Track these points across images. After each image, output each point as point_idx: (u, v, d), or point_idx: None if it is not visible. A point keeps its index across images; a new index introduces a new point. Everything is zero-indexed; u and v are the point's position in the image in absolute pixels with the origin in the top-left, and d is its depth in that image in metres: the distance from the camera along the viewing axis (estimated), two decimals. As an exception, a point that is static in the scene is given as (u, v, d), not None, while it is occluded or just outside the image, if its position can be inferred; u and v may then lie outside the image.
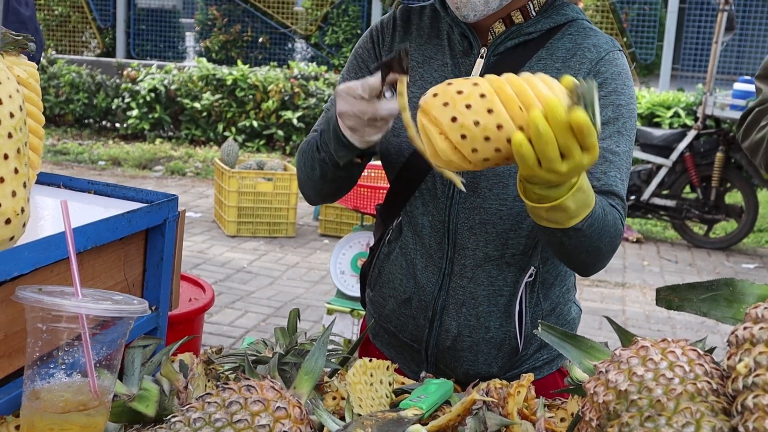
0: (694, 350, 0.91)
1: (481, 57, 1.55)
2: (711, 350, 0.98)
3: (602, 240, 1.37)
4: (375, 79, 1.31)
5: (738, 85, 7.18)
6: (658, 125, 8.71)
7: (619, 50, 1.55)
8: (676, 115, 8.83)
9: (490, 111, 1.11)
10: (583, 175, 1.22)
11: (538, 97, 1.10)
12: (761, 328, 0.81)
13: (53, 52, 11.82)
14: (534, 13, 1.55)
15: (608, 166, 1.46)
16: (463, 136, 1.11)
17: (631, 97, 1.52)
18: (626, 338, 0.99)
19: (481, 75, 1.53)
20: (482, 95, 1.12)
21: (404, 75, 1.27)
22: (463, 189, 1.25)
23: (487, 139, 1.11)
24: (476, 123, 1.11)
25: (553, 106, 1.07)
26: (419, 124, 1.17)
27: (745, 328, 0.84)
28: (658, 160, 7.23)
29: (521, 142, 1.09)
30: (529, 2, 1.54)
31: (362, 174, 1.58)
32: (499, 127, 1.10)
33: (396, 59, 1.26)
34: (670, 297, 1.02)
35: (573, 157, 1.11)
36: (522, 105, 1.11)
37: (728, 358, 0.84)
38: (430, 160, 1.17)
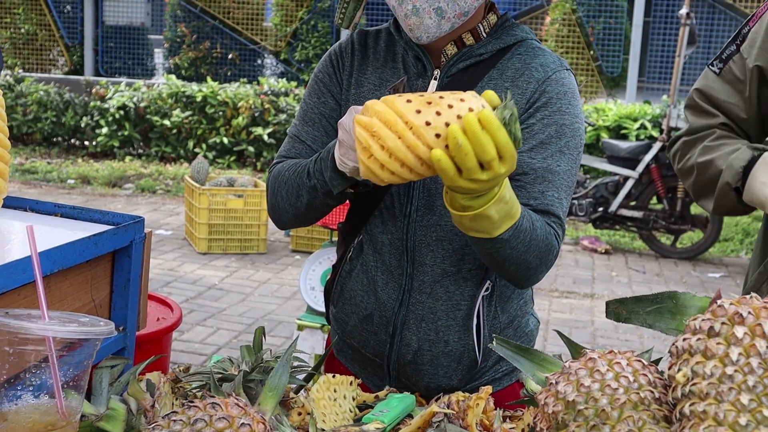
0: (639, 361, 0.95)
1: (435, 78, 1.60)
2: (657, 361, 1.02)
3: (530, 253, 1.43)
4: None
5: (701, 98, 7.28)
6: (625, 137, 8.84)
7: (567, 69, 1.59)
8: (643, 127, 8.97)
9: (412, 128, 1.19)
10: (506, 186, 1.30)
11: (458, 110, 1.19)
12: (698, 339, 0.86)
13: (20, 71, 11.74)
14: (484, 35, 1.60)
15: (547, 186, 1.50)
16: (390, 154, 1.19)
17: (576, 117, 1.55)
18: (576, 350, 1.03)
19: None
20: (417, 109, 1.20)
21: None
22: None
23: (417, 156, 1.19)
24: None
25: (469, 121, 1.16)
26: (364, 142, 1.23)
27: (684, 339, 0.88)
28: (625, 171, 7.34)
29: (440, 157, 1.18)
30: (480, 24, 1.59)
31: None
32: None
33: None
34: (618, 310, 1.06)
35: (492, 168, 1.20)
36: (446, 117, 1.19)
37: (669, 368, 0.89)
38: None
